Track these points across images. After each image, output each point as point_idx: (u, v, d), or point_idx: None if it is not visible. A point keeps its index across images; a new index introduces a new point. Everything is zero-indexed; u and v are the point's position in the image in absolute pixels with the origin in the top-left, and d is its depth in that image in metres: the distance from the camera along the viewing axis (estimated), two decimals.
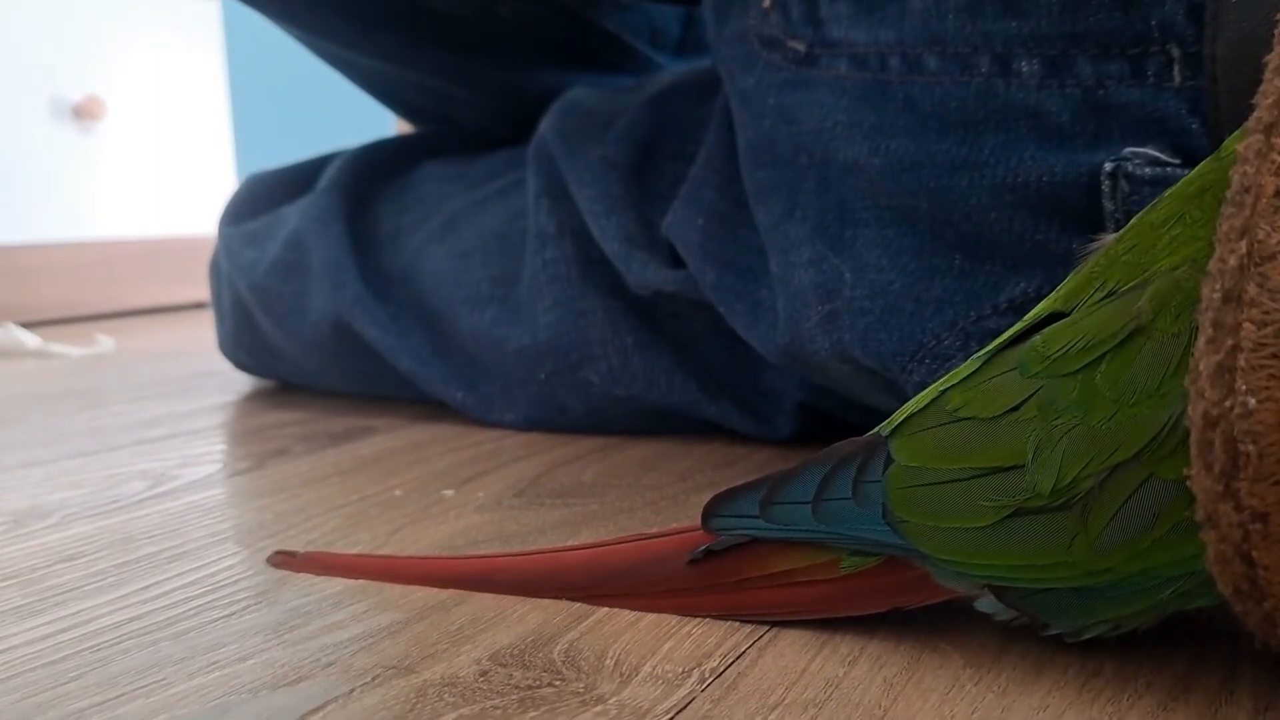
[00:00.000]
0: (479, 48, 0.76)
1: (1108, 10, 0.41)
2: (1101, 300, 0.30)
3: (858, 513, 0.32)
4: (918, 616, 0.35)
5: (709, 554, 0.35)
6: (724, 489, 0.35)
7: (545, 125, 0.68)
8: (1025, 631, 0.33)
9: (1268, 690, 0.29)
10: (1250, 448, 0.25)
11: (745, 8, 0.53)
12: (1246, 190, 0.26)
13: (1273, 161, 0.25)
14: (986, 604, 0.32)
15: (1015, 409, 0.30)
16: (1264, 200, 0.25)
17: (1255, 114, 0.27)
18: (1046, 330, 0.31)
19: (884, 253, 0.47)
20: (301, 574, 0.41)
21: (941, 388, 0.33)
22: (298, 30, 0.81)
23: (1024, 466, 0.29)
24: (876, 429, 0.34)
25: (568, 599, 0.37)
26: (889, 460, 0.32)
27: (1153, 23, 0.41)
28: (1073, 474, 0.28)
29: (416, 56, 0.78)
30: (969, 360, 0.33)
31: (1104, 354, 0.29)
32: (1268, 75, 0.27)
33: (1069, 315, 0.31)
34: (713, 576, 0.35)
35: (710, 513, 0.35)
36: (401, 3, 0.73)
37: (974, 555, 0.30)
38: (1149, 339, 0.28)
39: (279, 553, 0.42)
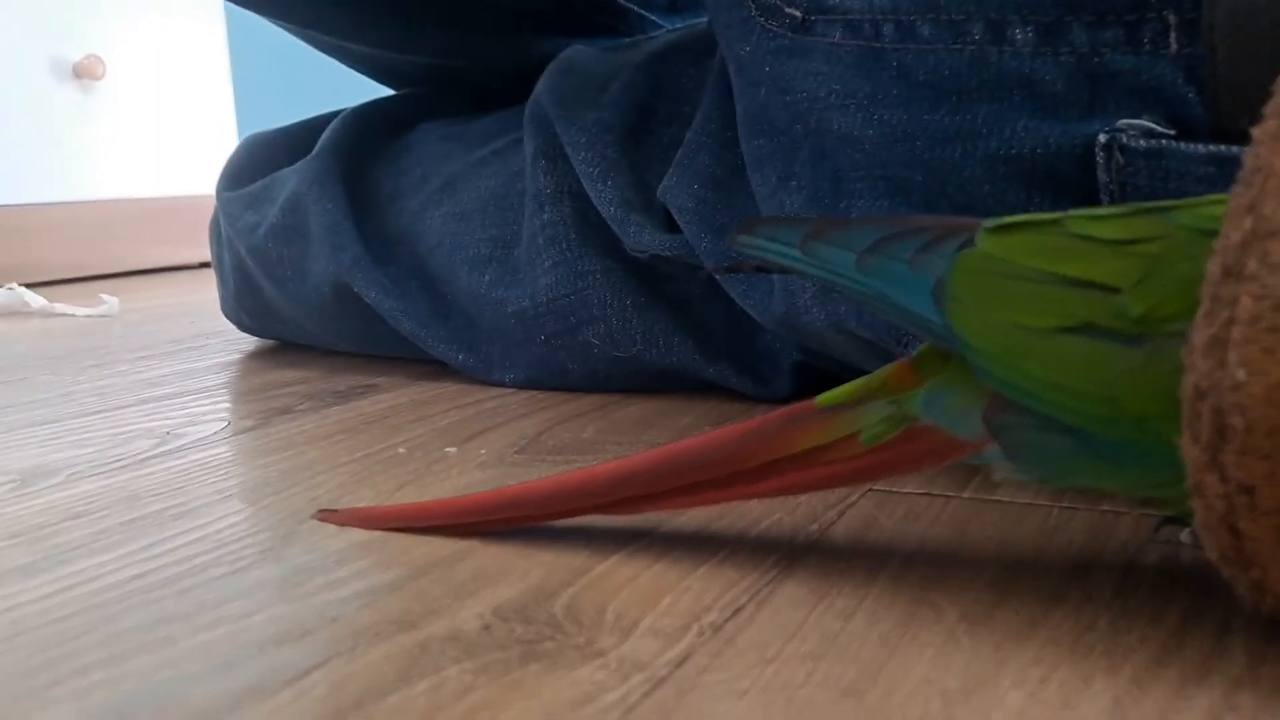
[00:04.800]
0: (476, 25, 0.76)
1: None
2: None
3: (908, 277, 0.31)
4: (912, 573, 0.35)
5: (731, 434, 0.35)
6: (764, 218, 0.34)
7: (541, 86, 0.68)
8: (1019, 582, 0.33)
9: (1261, 644, 0.30)
10: (1237, 420, 0.25)
11: None
12: (1257, 170, 0.26)
13: None
14: (992, 453, 0.31)
15: (1143, 240, 0.29)
16: (1273, 180, 0.25)
17: (1274, 100, 0.27)
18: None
19: None
20: (303, 530, 0.41)
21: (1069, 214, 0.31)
22: (293, 26, 0.80)
23: (1121, 290, 0.28)
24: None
25: (598, 512, 0.38)
26: (969, 243, 0.31)
27: None
28: (1167, 312, 0.27)
29: (415, 42, 0.77)
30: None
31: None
32: None
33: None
34: (736, 463, 0.35)
35: (745, 230, 0.34)
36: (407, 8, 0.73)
37: (1015, 356, 0.30)
38: None
39: (322, 511, 0.43)
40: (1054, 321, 0.29)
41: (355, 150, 0.76)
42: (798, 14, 0.49)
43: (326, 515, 0.43)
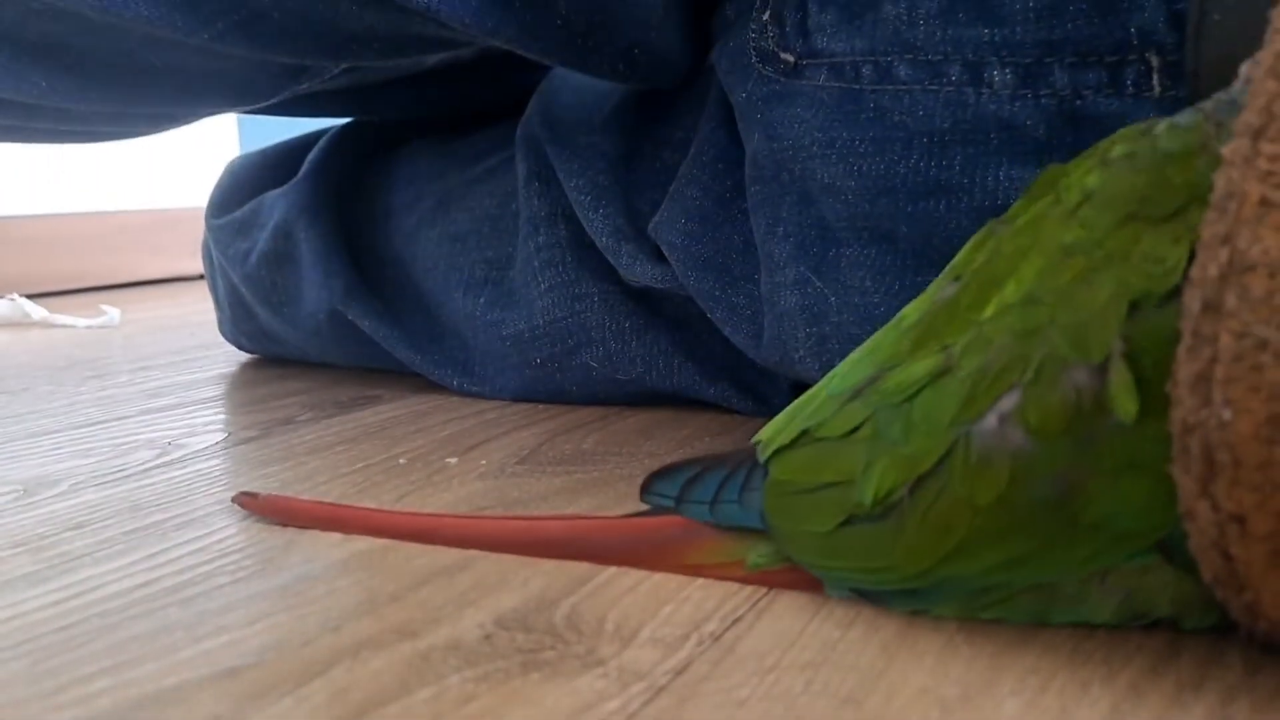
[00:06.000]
0: (475, 74, 0.75)
1: (1085, 17, 0.40)
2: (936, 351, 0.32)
3: (743, 515, 0.36)
4: None
5: (626, 531, 0.38)
6: (661, 466, 0.39)
7: (533, 106, 0.67)
8: None
9: (1257, 653, 0.30)
10: (1225, 456, 0.25)
11: (747, 21, 0.52)
12: (1230, 196, 0.25)
13: (1258, 168, 0.25)
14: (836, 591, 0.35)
15: (856, 430, 0.33)
16: (1247, 208, 0.25)
17: (1242, 117, 0.26)
18: (886, 376, 0.33)
19: (867, 273, 0.47)
20: (304, 539, 0.41)
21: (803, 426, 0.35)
22: (307, 116, 0.81)
23: (855, 481, 0.32)
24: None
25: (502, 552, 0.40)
26: (767, 472, 0.35)
27: (1131, 30, 0.40)
28: (888, 487, 0.31)
29: (415, 105, 0.77)
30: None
31: (921, 389, 0.31)
32: (1258, 77, 0.26)
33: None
34: (633, 558, 0.38)
35: (645, 488, 0.39)
36: (407, 75, 0.72)
37: (822, 557, 0.34)
38: (952, 378, 0.30)
39: (242, 493, 0.45)
40: (830, 524, 0.33)
41: (344, 170, 0.75)
42: (791, 59, 0.49)
43: (246, 499, 0.44)
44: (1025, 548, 0.30)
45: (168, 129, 0.71)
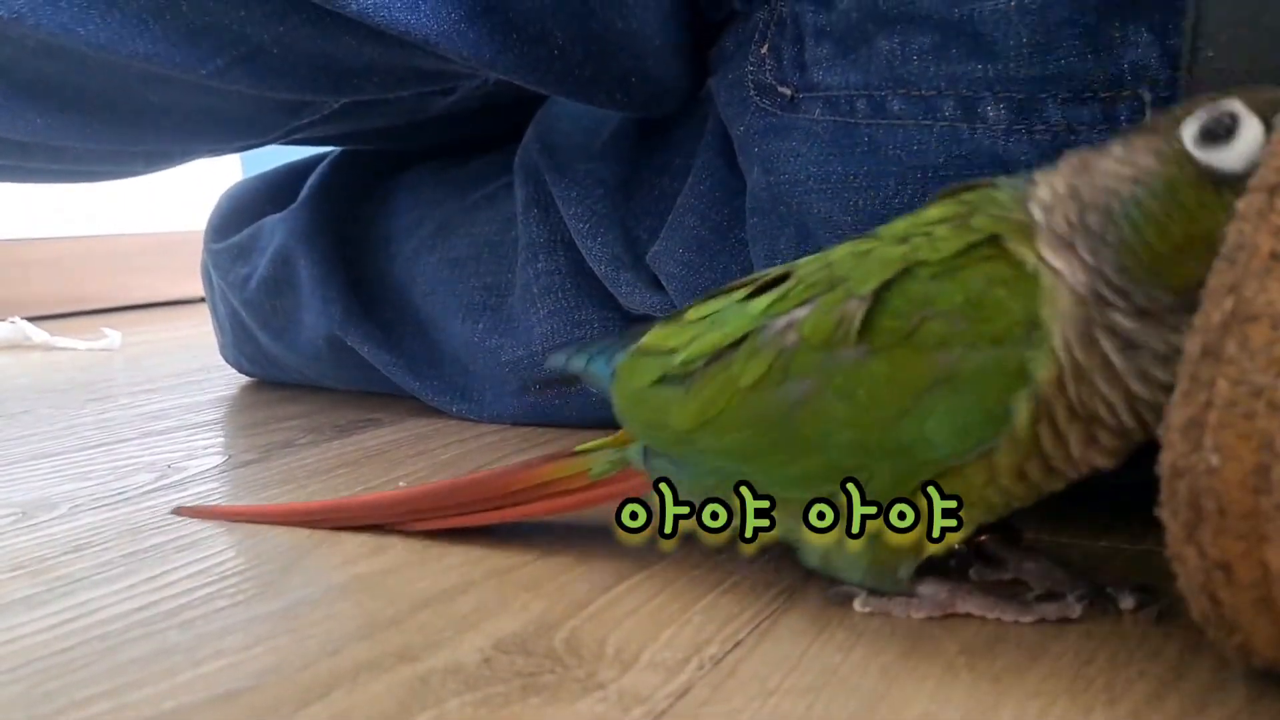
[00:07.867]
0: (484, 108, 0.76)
1: (1078, 53, 0.40)
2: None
3: (603, 368, 0.42)
4: None
5: (508, 467, 0.44)
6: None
7: (531, 134, 0.67)
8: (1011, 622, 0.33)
9: (1259, 679, 0.30)
10: (1211, 504, 0.25)
11: (745, 55, 0.52)
12: (1240, 248, 0.26)
13: (1271, 223, 0.26)
14: (634, 451, 0.40)
15: (707, 316, 0.38)
16: (1257, 260, 0.25)
17: (1260, 173, 0.27)
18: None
19: None
20: (304, 562, 0.41)
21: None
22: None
23: (677, 350, 0.37)
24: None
25: (403, 523, 0.45)
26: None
27: (1124, 65, 0.40)
28: (696, 355, 0.36)
29: (419, 134, 0.77)
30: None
31: (760, 295, 0.36)
32: (1277, 136, 0.27)
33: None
34: (492, 491, 0.43)
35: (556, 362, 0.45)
36: (412, 109, 0.73)
37: (631, 406, 0.39)
38: (786, 288, 0.36)
39: (183, 508, 0.49)
40: (648, 380, 0.38)
41: (343, 195, 0.75)
42: (788, 92, 0.49)
43: (185, 510, 0.49)
44: (758, 442, 0.35)
45: (164, 168, 0.71)
